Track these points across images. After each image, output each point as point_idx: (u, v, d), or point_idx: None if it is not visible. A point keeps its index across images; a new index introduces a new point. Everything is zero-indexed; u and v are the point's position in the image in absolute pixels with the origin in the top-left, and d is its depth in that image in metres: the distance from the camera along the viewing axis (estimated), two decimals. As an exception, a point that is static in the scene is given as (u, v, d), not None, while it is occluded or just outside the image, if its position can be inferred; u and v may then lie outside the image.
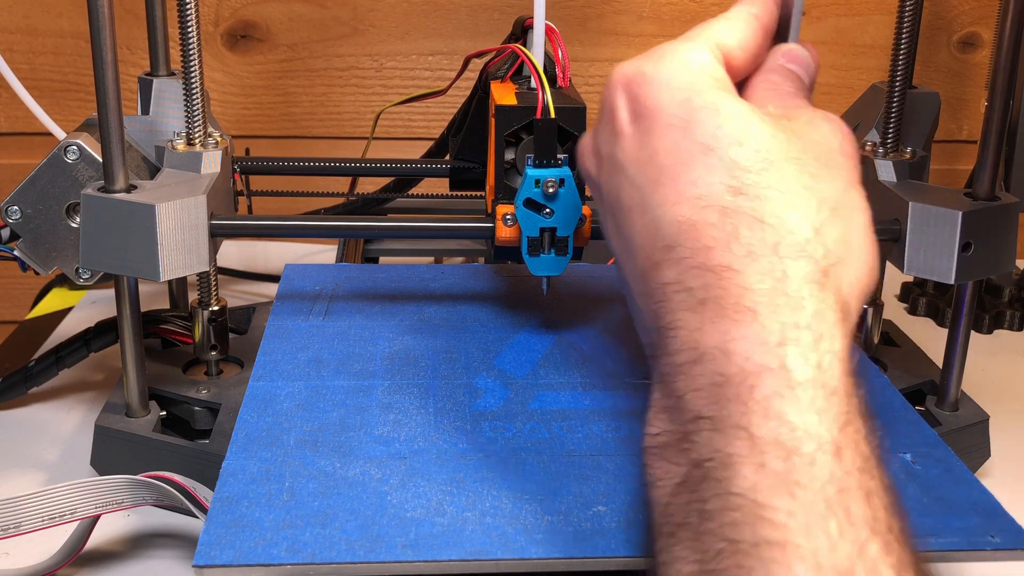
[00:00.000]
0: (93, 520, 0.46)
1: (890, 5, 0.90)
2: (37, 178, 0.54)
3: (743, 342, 0.31)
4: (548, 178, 0.49)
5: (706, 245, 0.33)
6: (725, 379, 0.31)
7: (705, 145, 0.34)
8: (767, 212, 0.33)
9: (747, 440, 0.30)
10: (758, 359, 0.31)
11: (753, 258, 0.32)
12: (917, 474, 0.43)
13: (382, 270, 0.65)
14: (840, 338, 0.32)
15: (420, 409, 0.47)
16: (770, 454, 0.29)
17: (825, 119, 0.37)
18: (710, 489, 0.30)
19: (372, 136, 0.75)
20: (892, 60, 0.56)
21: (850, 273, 0.34)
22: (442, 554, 0.37)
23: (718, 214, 0.33)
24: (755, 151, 0.34)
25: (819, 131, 0.36)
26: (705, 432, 0.31)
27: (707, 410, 0.31)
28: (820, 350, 0.31)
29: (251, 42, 0.94)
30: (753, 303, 0.32)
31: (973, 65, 0.97)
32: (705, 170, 0.34)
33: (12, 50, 0.90)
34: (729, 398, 0.30)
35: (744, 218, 0.33)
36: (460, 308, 0.58)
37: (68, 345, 0.60)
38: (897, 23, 0.56)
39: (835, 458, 0.29)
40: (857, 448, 0.30)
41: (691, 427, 0.31)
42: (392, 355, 0.52)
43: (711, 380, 0.31)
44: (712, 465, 0.30)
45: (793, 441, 0.29)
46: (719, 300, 0.32)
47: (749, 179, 0.34)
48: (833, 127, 0.37)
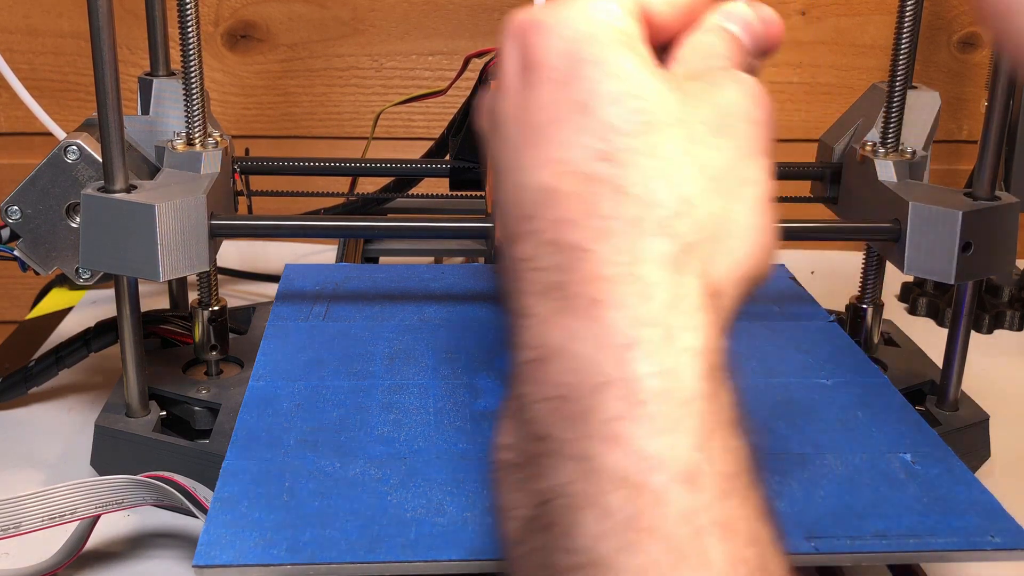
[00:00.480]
0: (93, 520, 0.46)
1: (890, 5, 0.90)
2: (37, 178, 0.54)
3: (584, 343, 0.27)
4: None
5: (561, 218, 0.28)
6: (568, 390, 0.27)
7: (581, 102, 0.30)
8: (633, 181, 0.29)
9: (590, 475, 0.25)
10: (600, 367, 0.26)
11: (608, 236, 0.28)
12: (917, 474, 0.43)
13: (382, 270, 0.65)
14: (700, 330, 0.27)
15: (420, 409, 0.47)
16: (614, 495, 0.25)
17: (735, 80, 0.32)
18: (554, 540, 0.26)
19: (372, 136, 0.75)
20: (892, 60, 0.56)
21: (727, 253, 0.29)
22: (442, 554, 0.37)
23: (579, 182, 0.29)
24: (634, 111, 0.29)
25: (724, 93, 0.32)
26: (551, 458, 0.26)
27: (553, 428, 0.27)
28: (673, 349, 0.27)
29: (251, 42, 0.94)
30: (598, 291, 0.27)
31: (973, 65, 0.97)
32: (575, 131, 0.29)
33: (12, 50, 0.90)
34: (572, 417, 0.26)
35: (606, 187, 0.28)
36: (460, 308, 0.58)
37: (68, 345, 0.60)
38: (897, 23, 0.56)
39: (689, 489, 0.25)
40: (719, 467, 0.26)
41: (537, 448, 0.27)
42: (392, 355, 0.52)
43: (556, 391, 0.27)
44: (556, 505, 0.26)
45: (640, 474, 0.25)
46: (565, 286, 0.28)
47: (621, 142, 0.29)
48: (742, 89, 0.32)
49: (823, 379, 0.50)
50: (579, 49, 0.31)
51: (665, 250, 0.28)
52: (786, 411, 0.48)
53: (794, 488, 0.42)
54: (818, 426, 0.46)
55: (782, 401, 0.49)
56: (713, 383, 0.27)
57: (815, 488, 0.42)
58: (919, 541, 0.39)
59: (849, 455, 0.44)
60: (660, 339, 0.27)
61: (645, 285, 0.27)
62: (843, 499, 0.41)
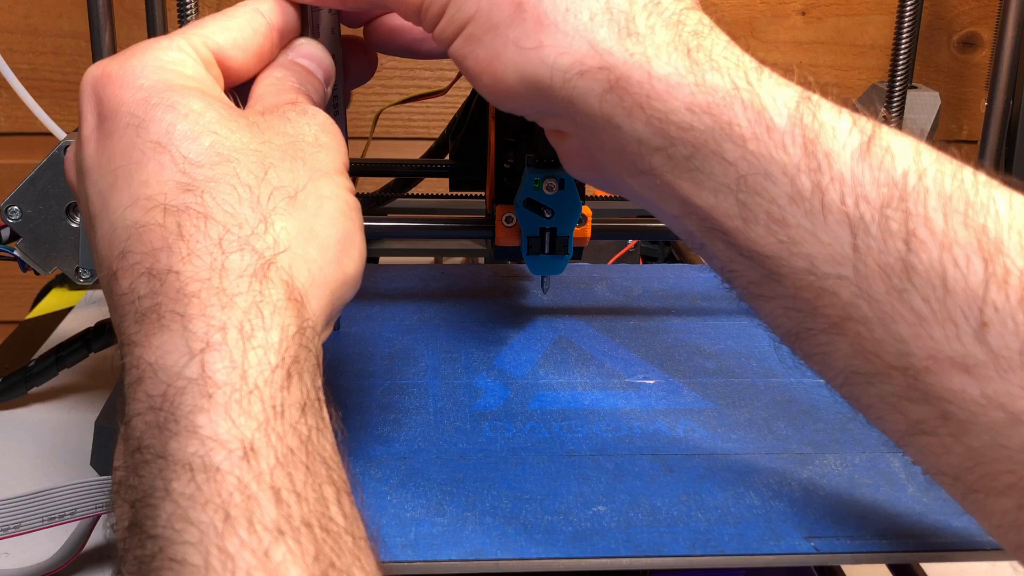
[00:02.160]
0: (93, 520, 0.46)
1: (890, 5, 0.90)
2: (37, 178, 0.54)
3: (171, 355, 0.29)
4: (548, 178, 0.49)
5: (153, 248, 0.31)
6: (160, 401, 0.29)
7: (158, 143, 0.33)
8: (214, 207, 0.32)
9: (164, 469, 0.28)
10: (184, 372, 0.29)
11: (194, 257, 0.31)
12: (917, 474, 0.43)
13: (382, 270, 0.65)
14: (277, 329, 0.30)
15: (420, 409, 0.47)
16: (180, 480, 0.27)
17: (299, 112, 0.36)
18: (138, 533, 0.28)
19: (372, 136, 0.75)
20: (892, 60, 0.56)
21: (307, 263, 0.33)
22: (442, 554, 0.37)
23: (165, 214, 0.32)
24: (209, 146, 0.33)
25: (291, 123, 0.36)
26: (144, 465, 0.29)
27: (145, 437, 0.29)
28: (247, 347, 0.30)
29: (251, 42, 0.94)
30: (184, 308, 0.30)
31: (973, 65, 0.97)
32: (157, 169, 0.32)
33: (12, 50, 0.90)
34: (160, 424, 0.29)
35: (191, 215, 0.31)
36: (460, 308, 0.58)
37: (68, 345, 0.60)
38: (897, 23, 0.56)
39: (244, 462, 0.28)
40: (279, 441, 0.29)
41: (135, 460, 0.29)
42: (392, 355, 0.52)
43: (149, 403, 0.29)
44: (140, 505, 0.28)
45: (206, 456, 0.28)
46: (158, 308, 0.30)
47: (200, 174, 0.32)
48: (306, 120, 0.36)
49: (823, 379, 0.50)
50: (149, 96, 0.34)
51: (248, 262, 0.31)
52: (786, 411, 0.48)
53: (794, 488, 0.42)
54: (818, 426, 0.46)
55: (782, 401, 0.49)
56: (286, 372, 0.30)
57: (815, 488, 0.42)
58: (919, 541, 0.39)
59: (849, 455, 0.44)
60: (235, 339, 0.30)
61: (228, 296, 0.30)
62: (843, 499, 0.41)
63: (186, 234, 0.31)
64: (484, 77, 0.36)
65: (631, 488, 0.41)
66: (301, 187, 0.34)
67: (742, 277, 0.35)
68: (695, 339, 0.55)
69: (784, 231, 0.32)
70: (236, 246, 0.31)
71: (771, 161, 0.32)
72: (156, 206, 0.32)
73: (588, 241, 0.52)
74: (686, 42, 0.33)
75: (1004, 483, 0.31)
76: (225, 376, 0.29)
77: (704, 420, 0.47)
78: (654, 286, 0.62)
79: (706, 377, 0.51)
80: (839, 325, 0.32)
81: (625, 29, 0.33)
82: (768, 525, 0.39)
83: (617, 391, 0.49)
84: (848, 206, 0.31)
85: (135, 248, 0.32)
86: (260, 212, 0.32)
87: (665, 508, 0.40)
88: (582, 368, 0.51)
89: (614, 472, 0.42)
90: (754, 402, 0.48)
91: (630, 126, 0.33)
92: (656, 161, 0.34)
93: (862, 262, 0.31)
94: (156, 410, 0.29)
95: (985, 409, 0.30)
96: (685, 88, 0.33)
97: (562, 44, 0.33)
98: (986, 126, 0.52)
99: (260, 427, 0.28)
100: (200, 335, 0.29)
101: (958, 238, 0.30)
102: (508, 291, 0.61)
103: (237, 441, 0.28)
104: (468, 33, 0.35)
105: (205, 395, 0.29)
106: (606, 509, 0.40)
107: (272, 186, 0.33)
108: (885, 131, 0.32)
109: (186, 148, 0.33)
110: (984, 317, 0.29)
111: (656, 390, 0.49)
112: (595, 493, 0.41)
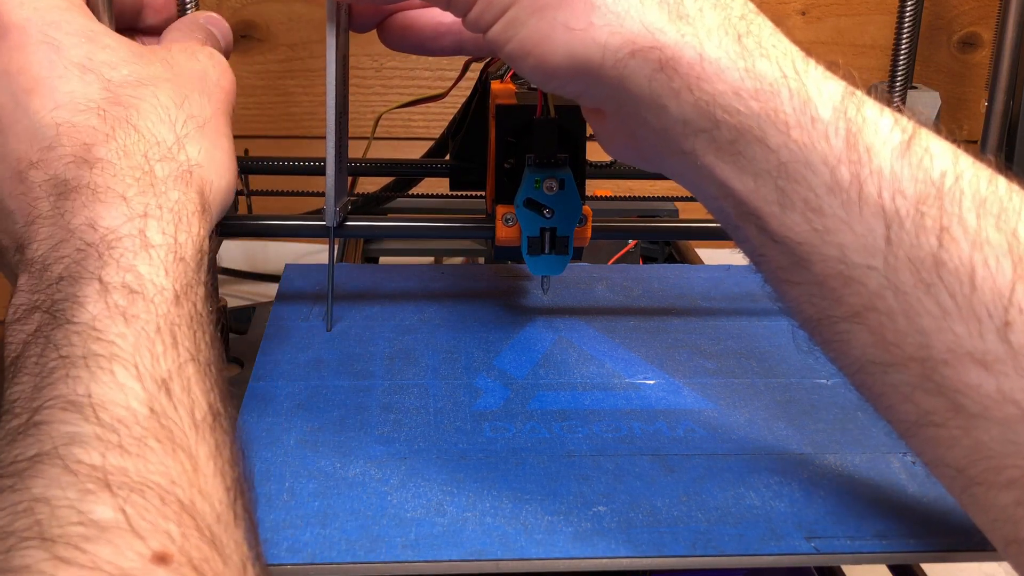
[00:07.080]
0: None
1: (890, 5, 0.90)
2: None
3: (110, 218, 0.34)
4: (548, 178, 0.49)
5: (85, 142, 0.36)
6: (89, 245, 0.34)
7: (81, 65, 0.38)
8: (139, 121, 0.37)
9: (98, 284, 0.32)
10: (122, 229, 0.34)
11: (127, 155, 0.36)
12: (917, 474, 0.43)
13: (382, 270, 0.65)
14: (198, 225, 0.36)
15: (420, 409, 0.47)
16: (115, 295, 0.32)
17: (206, 53, 0.43)
18: (56, 324, 0.32)
19: (372, 136, 0.75)
20: (892, 60, 0.56)
21: (212, 179, 0.39)
22: (442, 554, 0.37)
23: (97, 117, 0.37)
24: (128, 74, 0.39)
25: (198, 61, 0.42)
26: (63, 286, 0.33)
27: (68, 271, 0.33)
28: (179, 228, 0.35)
29: (251, 42, 0.94)
30: (123, 189, 0.35)
31: (973, 65, 0.97)
32: (83, 84, 0.38)
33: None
34: (90, 256, 0.33)
35: (120, 123, 0.37)
36: (460, 308, 0.58)
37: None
38: (897, 23, 0.56)
39: (173, 303, 0.33)
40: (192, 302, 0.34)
41: (52, 289, 0.33)
42: (392, 355, 0.52)
43: (75, 247, 0.34)
44: (63, 307, 0.32)
45: (138, 287, 0.33)
46: (93, 186, 0.35)
47: (125, 93, 0.38)
48: (211, 61, 0.43)
49: (823, 379, 0.51)
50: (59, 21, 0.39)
51: (172, 168, 0.37)
52: (786, 411, 0.48)
53: (794, 488, 0.42)
54: (818, 426, 0.46)
55: (782, 401, 0.49)
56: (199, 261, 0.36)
57: (815, 488, 0.42)
58: (919, 541, 0.39)
59: (849, 455, 0.44)
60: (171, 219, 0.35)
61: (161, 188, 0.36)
62: (843, 499, 0.41)
63: (118, 136, 0.37)
64: (530, 59, 0.36)
65: (631, 488, 0.41)
66: (208, 119, 0.40)
67: (771, 262, 0.35)
68: (695, 339, 0.55)
69: (819, 219, 0.33)
70: (159, 156, 0.37)
71: (813, 150, 0.33)
72: (90, 108, 0.37)
73: (588, 241, 0.52)
74: (735, 27, 0.34)
75: (1008, 477, 0.31)
76: (159, 240, 0.34)
77: (704, 420, 0.47)
78: (654, 286, 0.62)
79: (706, 377, 0.51)
80: (862, 314, 0.33)
81: (675, 11, 0.34)
82: (768, 525, 0.39)
83: (617, 391, 0.49)
84: (885, 199, 0.32)
85: (65, 142, 0.36)
86: (175, 135, 0.38)
87: (665, 508, 0.40)
88: (582, 368, 0.51)
89: (614, 472, 0.42)
90: (754, 402, 0.48)
91: (677, 107, 0.34)
92: (699, 143, 0.35)
93: (893, 254, 0.32)
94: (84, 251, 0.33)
95: (999, 404, 0.30)
96: (734, 72, 0.33)
97: (613, 24, 0.34)
98: (986, 126, 0.52)
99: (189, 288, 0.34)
100: (140, 208, 0.35)
101: (990, 239, 0.31)
102: (508, 291, 0.61)
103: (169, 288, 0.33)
104: (511, 17, 0.36)
105: (143, 247, 0.34)
106: (606, 509, 0.40)
107: (186, 113, 0.39)
108: (925, 133, 0.33)
109: (108, 74, 0.38)
110: (1009, 316, 0.30)
111: (656, 390, 0.49)
112: (595, 493, 0.41)
